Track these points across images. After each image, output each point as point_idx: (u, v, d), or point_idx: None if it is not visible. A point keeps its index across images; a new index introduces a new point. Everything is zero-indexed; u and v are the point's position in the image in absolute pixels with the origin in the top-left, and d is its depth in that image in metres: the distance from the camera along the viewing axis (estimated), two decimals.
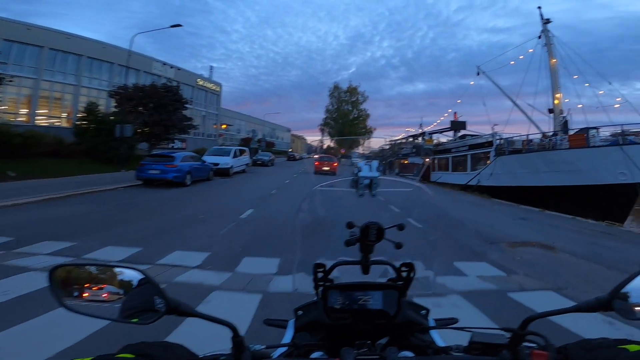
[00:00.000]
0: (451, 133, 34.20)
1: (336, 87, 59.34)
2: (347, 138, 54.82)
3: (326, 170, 24.91)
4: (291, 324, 0.94)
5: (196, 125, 29.28)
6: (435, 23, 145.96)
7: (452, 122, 33.71)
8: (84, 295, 0.69)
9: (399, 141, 46.00)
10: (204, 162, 16.64)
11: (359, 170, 1.36)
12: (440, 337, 0.90)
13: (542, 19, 22.86)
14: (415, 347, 0.84)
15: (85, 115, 21.10)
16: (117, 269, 0.70)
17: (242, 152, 23.43)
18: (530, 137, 20.80)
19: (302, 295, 1.08)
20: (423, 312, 0.94)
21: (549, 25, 22.41)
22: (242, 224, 7.68)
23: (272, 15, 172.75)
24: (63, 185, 11.61)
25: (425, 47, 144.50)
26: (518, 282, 4.80)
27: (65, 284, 0.70)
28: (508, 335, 0.73)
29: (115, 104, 23.77)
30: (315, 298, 0.98)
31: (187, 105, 27.52)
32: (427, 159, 29.80)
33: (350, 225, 0.96)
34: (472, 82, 30.78)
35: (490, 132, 29.88)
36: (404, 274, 0.98)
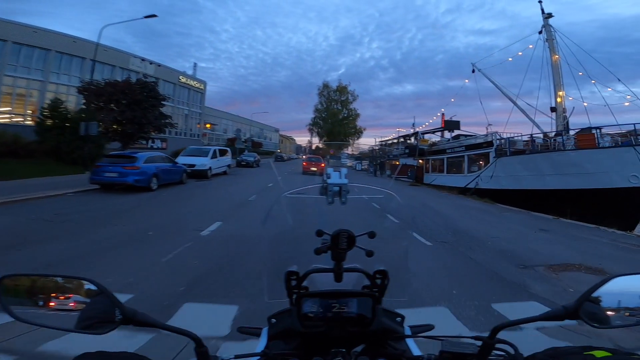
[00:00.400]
0: (441, 133, 32.93)
1: (326, 86, 57.59)
2: (334, 143, 53.25)
3: (314, 171, 25.73)
4: (265, 332, 0.93)
5: (174, 124, 27.27)
6: (423, 25, 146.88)
7: (445, 121, 32.32)
8: (51, 304, 0.71)
9: (389, 141, 44.53)
10: (176, 163, 14.75)
11: (328, 177, 1.08)
12: (415, 345, 0.90)
13: (543, 13, 21.57)
14: (390, 355, 0.84)
15: (49, 112, 19.01)
16: (65, 280, 0.73)
17: (223, 152, 21.55)
18: (533, 137, 19.40)
19: (275, 304, 0.98)
20: (398, 319, 0.93)
21: (551, 20, 21.11)
22: (199, 245, 5.87)
23: (262, 16, 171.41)
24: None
25: (414, 49, 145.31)
26: (607, 336, 3.09)
27: (25, 294, 0.72)
28: (479, 344, 0.73)
29: (85, 101, 21.71)
30: (288, 306, 0.94)
31: (165, 103, 25.59)
32: (421, 160, 28.35)
33: (319, 234, 0.96)
34: (466, 80, 29.46)
35: (484, 132, 28.81)
36: (378, 282, 0.94)
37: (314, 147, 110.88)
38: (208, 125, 45.61)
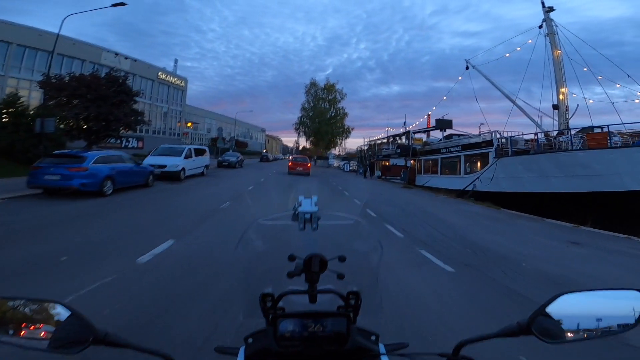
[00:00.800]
0: (426, 134, 31.65)
1: (313, 84, 55.88)
2: (317, 151, 51.81)
3: (300, 171, 25.73)
4: (242, 352, 0.93)
5: (147, 121, 25.12)
6: (410, 26, 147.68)
7: (437, 120, 30.97)
8: (21, 333, 0.73)
9: (379, 141, 43.07)
10: (139, 163, 12.79)
11: (299, 205, 1.11)
12: None
13: (543, 6, 20.35)
14: None
15: (4, 108, 16.98)
16: (43, 305, 0.77)
17: (200, 152, 19.62)
18: (537, 136, 18.04)
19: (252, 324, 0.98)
20: (373, 337, 0.94)
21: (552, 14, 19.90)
22: (127, 279, 4.04)
23: (249, 16, 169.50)
24: None
25: (401, 50, 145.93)
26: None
27: None
28: None
29: (46, 96, 19.55)
30: (264, 326, 0.96)
31: (139, 99, 23.53)
32: (413, 161, 26.91)
33: (291, 258, 0.96)
34: (460, 77, 28.18)
35: (476, 133, 27.50)
36: (352, 302, 0.96)
37: (300, 147, 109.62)
38: (189, 124, 43.38)
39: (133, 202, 9.83)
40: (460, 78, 28.10)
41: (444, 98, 42.92)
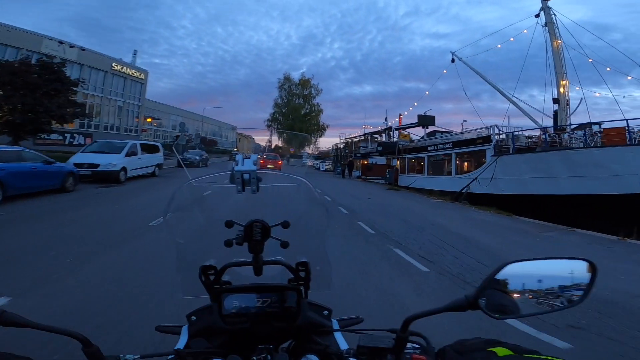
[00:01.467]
0: (390, 134, 29.67)
1: (287, 79, 52.43)
2: (288, 132, 48.52)
3: (271, 168, 24.15)
4: (185, 330, 0.86)
5: (88, 114, 21.48)
6: (384, 27, 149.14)
7: (419, 116, 28.89)
8: None
9: (356, 139, 40.64)
10: (50, 162, 9.55)
11: (237, 164, 0.98)
12: (344, 339, 0.87)
13: None
14: (314, 350, 0.81)
15: None
16: None
17: (150, 148, 16.42)
18: (547, 130, 15.98)
19: (194, 300, 0.91)
20: (325, 312, 0.89)
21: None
22: None
23: (223, 13, 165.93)
24: None
25: (374, 50, 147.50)
26: None
27: None
28: (394, 336, 0.72)
29: None
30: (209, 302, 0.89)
31: (86, 92, 19.98)
32: (398, 160, 24.61)
33: (229, 225, 0.89)
34: (444, 71, 26.15)
35: (459, 130, 25.56)
36: (302, 274, 0.89)
37: (273, 146, 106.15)
38: (149, 120, 39.38)
39: (23, 217, 6.70)
40: (445, 72, 26.09)
41: (427, 93, 40.86)
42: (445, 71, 25.95)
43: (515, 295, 0.69)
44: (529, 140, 16.15)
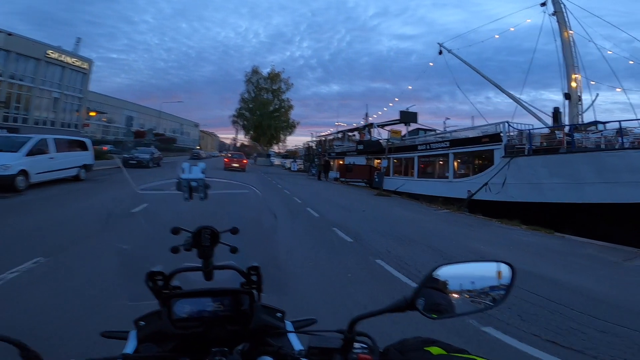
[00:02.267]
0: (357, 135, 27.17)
1: (255, 72, 47.51)
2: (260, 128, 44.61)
3: (235, 167, 25.49)
4: (133, 336, 0.84)
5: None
6: (353, 27, 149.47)
7: (401, 112, 26.39)
8: None
9: (330, 136, 37.70)
10: None
11: (183, 172, 0.95)
12: (298, 340, 0.87)
13: None
14: (268, 352, 0.81)
15: None
16: None
17: (73, 145, 12.51)
18: (575, 127, 13.67)
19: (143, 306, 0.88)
20: (279, 314, 0.89)
21: None
22: None
23: (189, 8, 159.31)
24: None
25: (342, 50, 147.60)
26: None
27: None
28: (342, 337, 0.74)
29: None
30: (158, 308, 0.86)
31: (11, 81, 15.49)
32: (378, 160, 21.82)
33: (175, 231, 0.86)
34: (431, 64, 23.77)
35: (441, 128, 23.32)
36: (254, 278, 0.89)
37: (239, 144, 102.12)
38: (92, 114, 34.30)
39: None
40: (431, 64, 23.69)
41: (409, 87, 38.76)
42: (432, 64, 23.59)
43: (455, 295, 0.72)
44: (547, 140, 13.76)
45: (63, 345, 2.36)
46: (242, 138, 59.46)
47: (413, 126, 26.09)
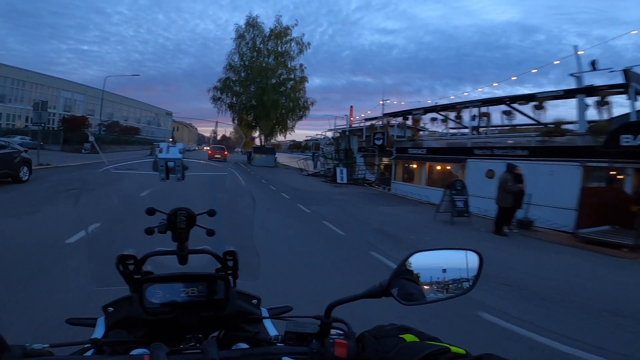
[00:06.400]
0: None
1: (252, 26, 31.36)
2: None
3: (218, 158, 27.58)
4: (101, 322, 0.82)
5: None
6: (335, 20, 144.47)
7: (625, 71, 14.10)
8: None
9: (377, 123, 25.17)
10: None
11: (160, 151, 0.95)
12: (273, 326, 0.88)
13: None
14: (244, 338, 0.81)
15: None
16: None
17: None
18: None
19: (112, 292, 0.86)
20: (254, 301, 0.89)
21: None
22: None
23: None
24: None
25: (324, 43, 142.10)
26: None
27: None
28: (319, 322, 0.74)
29: None
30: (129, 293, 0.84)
31: None
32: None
33: (150, 212, 0.83)
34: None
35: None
36: (230, 263, 0.87)
37: (219, 137, 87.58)
38: None
39: None
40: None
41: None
42: None
43: (425, 287, 0.74)
44: None
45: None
46: (228, 123, 43.55)
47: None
